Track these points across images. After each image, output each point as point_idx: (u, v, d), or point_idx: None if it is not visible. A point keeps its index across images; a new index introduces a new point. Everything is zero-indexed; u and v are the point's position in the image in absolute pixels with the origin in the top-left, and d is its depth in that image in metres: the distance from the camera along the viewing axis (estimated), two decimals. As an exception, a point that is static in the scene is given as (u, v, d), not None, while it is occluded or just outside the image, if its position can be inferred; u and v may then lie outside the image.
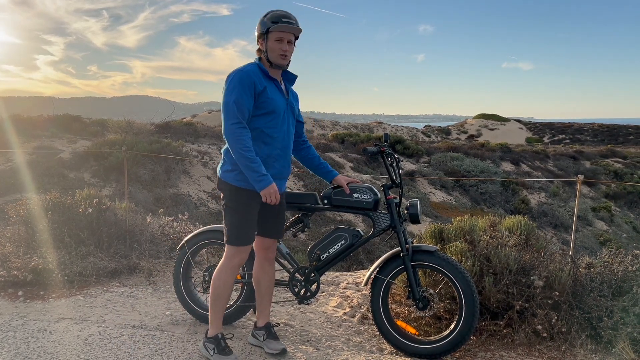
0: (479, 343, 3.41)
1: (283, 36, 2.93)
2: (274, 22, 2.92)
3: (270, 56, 2.96)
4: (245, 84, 2.87)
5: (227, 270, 3.10)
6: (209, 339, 3.15)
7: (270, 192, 2.90)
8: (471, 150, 22.89)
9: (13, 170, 10.29)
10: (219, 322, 3.17)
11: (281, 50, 2.94)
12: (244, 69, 2.93)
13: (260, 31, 2.96)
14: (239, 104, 2.86)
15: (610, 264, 3.63)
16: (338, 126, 65.19)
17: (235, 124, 2.86)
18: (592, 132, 79.60)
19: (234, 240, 3.04)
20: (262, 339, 3.30)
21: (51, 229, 4.84)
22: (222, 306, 3.15)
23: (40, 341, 3.35)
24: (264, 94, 2.93)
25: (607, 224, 17.71)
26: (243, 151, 2.84)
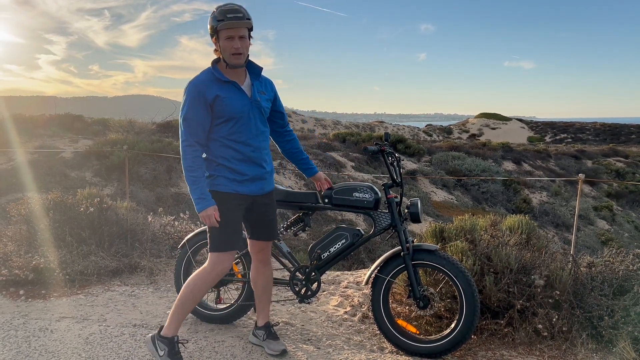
0: (480, 342, 3.41)
1: (233, 33, 2.75)
2: (221, 19, 2.73)
3: (224, 56, 2.80)
4: (194, 98, 2.77)
5: (208, 277, 2.97)
6: (162, 338, 3.00)
7: (206, 214, 2.79)
8: (473, 150, 22.87)
9: (15, 170, 10.31)
10: (178, 324, 3.04)
11: (233, 49, 2.76)
12: (194, 80, 2.81)
13: (211, 30, 2.80)
14: (187, 121, 2.78)
15: (612, 263, 3.63)
16: (339, 125, 65.20)
17: (184, 141, 2.80)
18: (593, 132, 79.49)
19: (217, 246, 2.93)
20: (262, 339, 3.28)
21: (52, 228, 4.85)
22: (189, 309, 3.04)
23: (42, 340, 3.36)
24: (217, 103, 2.79)
25: (608, 223, 17.69)
26: (187, 171, 2.79)
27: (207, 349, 3.26)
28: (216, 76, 2.82)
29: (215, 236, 2.92)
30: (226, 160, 2.88)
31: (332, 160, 16.30)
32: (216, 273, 2.96)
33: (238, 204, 2.93)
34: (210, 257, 2.97)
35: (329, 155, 16.88)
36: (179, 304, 3.00)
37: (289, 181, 13.37)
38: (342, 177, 14.24)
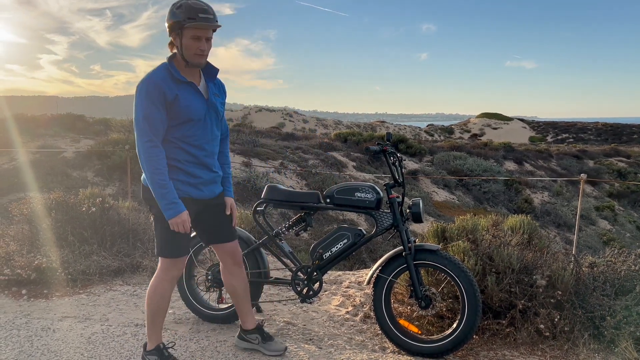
0: (482, 342, 3.41)
1: (200, 34, 2.61)
2: (190, 17, 2.56)
3: (185, 54, 2.64)
4: (153, 96, 2.59)
5: (165, 284, 2.87)
6: (149, 352, 2.94)
7: (178, 221, 2.65)
8: (474, 150, 22.86)
9: (17, 169, 10.33)
10: (158, 335, 2.96)
11: (199, 50, 2.64)
12: (151, 78, 2.61)
13: (172, 24, 2.61)
14: (149, 120, 2.60)
15: (613, 263, 3.63)
16: (341, 125, 65.22)
17: (148, 142, 2.60)
18: (595, 131, 79.40)
19: (166, 252, 2.81)
20: (257, 343, 3.20)
21: (55, 227, 4.86)
22: (161, 320, 2.95)
23: (44, 339, 3.37)
24: (176, 104, 2.65)
25: (610, 223, 17.67)
26: (155, 174, 2.61)
27: (209, 348, 3.26)
28: (174, 75, 2.66)
29: (167, 241, 2.79)
30: (180, 162, 2.75)
31: (333, 160, 16.31)
32: (171, 277, 2.88)
33: (190, 209, 2.77)
34: (162, 263, 2.86)
35: (331, 155, 16.89)
36: (149, 316, 2.92)
37: (290, 181, 13.38)
38: (343, 177, 14.24)
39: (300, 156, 15.76)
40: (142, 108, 2.61)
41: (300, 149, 16.91)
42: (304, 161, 15.39)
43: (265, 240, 3.59)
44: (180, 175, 2.76)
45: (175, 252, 2.82)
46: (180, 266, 2.89)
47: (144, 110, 2.60)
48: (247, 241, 3.58)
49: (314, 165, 15.20)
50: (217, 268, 3.61)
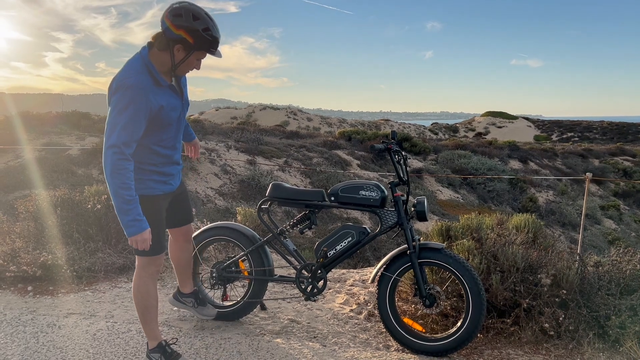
0: (486, 341, 3.40)
1: (205, 56, 2.69)
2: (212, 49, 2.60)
3: (181, 67, 2.64)
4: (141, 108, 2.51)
5: (147, 280, 2.90)
6: (152, 350, 2.97)
7: (139, 239, 2.59)
8: (479, 148, 22.82)
9: (22, 167, 10.38)
10: (156, 332, 2.99)
11: (194, 68, 2.70)
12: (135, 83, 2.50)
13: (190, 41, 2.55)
14: (128, 131, 2.49)
15: (619, 263, 3.61)
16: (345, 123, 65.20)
17: (117, 153, 2.48)
18: (601, 130, 79.06)
19: (150, 250, 2.79)
20: (192, 305, 3.42)
21: (60, 224, 4.88)
22: (154, 316, 2.97)
23: (50, 336, 3.38)
24: (160, 114, 2.63)
25: (615, 222, 17.60)
26: (121, 189, 2.49)
27: (213, 345, 3.27)
28: (157, 78, 2.61)
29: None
30: (154, 165, 2.78)
31: (337, 158, 16.30)
32: (151, 273, 2.91)
33: (165, 206, 2.91)
34: (141, 261, 2.87)
35: (335, 153, 16.89)
36: (140, 316, 2.96)
37: (294, 179, 13.38)
38: (347, 176, 14.24)
39: (304, 154, 15.76)
40: (123, 115, 2.48)
41: (304, 147, 16.91)
42: (308, 159, 15.39)
43: (269, 238, 3.59)
44: (154, 175, 2.80)
45: (156, 250, 2.84)
46: (159, 262, 2.94)
47: (125, 119, 2.48)
48: (251, 239, 3.59)
49: (318, 164, 15.20)
50: (221, 265, 3.62)
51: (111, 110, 2.51)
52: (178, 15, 2.53)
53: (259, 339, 3.37)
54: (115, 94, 2.51)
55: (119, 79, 2.53)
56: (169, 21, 2.54)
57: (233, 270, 3.62)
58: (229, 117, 62.63)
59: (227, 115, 65.36)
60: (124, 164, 2.50)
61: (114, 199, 2.53)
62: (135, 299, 2.95)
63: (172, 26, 2.53)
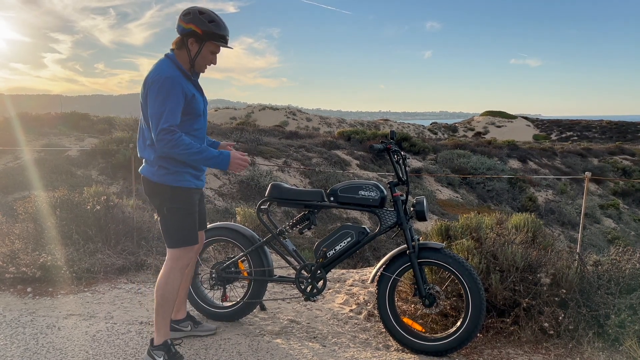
0: (486, 340, 3.40)
1: (218, 51, 2.89)
2: (222, 37, 2.82)
3: (198, 62, 2.87)
4: (176, 92, 2.74)
5: (177, 273, 2.96)
6: (156, 347, 2.96)
7: (236, 160, 2.85)
8: (478, 148, 22.81)
9: (21, 168, 10.37)
10: (167, 329, 3.01)
11: (210, 62, 2.91)
12: (170, 75, 2.75)
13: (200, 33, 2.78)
14: (173, 115, 2.73)
15: (618, 262, 3.61)
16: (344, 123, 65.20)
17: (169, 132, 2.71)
18: (600, 129, 79.12)
19: (182, 242, 2.92)
20: (190, 329, 3.37)
21: (59, 225, 4.88)
22: (170, 311, 3.00)
23: (49, 337, 3.38)
24: (192, 100, 2.84)
25: (615, 221, 17.60)
26: (188, 148, 2.73)
27: (213, 346, 3.27)
28: (186, 73, 2.86)
29: (179, 231, 2.92)
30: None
31: (337, 158, 16.30)
32: (182, 266, 2.98)
33: (197, 198, 3.02)
34: (173, 253, 2.96)
35: (334, 153, 16.89)
36: (158, 309, 2.97)
37: (294, 179, 13.38)
38: (347, 176, 14.23)
39: (303, 154, 15.76)
40: (166, 104, 2.70)
41: (303, 147, 16.91)
42: (307, 159, 15.39)
43: (269, 238, 3.59)
44: (189, 169, 2.92)
45: (188, 240, 2.94)
46: (191, 255, 3.03)
47: (168, 107, 2.71)
48: (250, 239, 3.59)
49: (318, 164, 15.20)
50: (221, 266, 3.62)
51: (152, 102, 2.72)
52: (187, 14, 2.82)
53: (258, 340, 3.37)
54: (152, 86, 2.73)
55: (153, 74, 2.76)
56: (180, 21, 2.83)
57: (232, 270, 3.62)
58: (228, 117, 62.63)
59: (226, 115, 65.37)
60: (178, 137, 2.71)
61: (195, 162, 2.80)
62: (158, 291, 2.97)
63: (183, 22, 2.81)
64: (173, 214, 2.90)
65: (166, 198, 2.89)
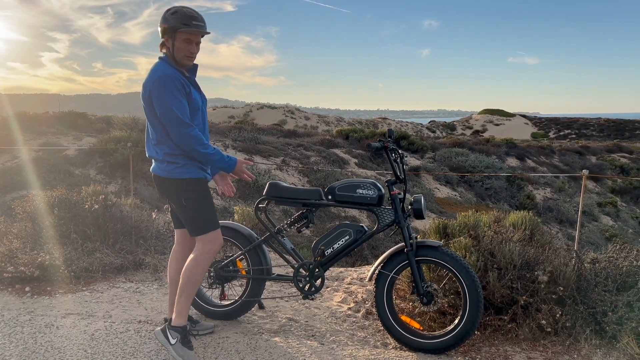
0: (483, 338, 3.41)
1: (192, 38, 2.92)
2: (184, 23, 2.87)
3: (176, 55, 2.93)
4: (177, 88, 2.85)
5: (207, 257, 3.07)
6: (174, 327, 3.06)
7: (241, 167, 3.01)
8: (476, 146, 22.83)
9: (19, 167, 10.36)
10: (187, 313, 3.12)
11: (189, 52, 2.94)
12: (168, 73, 2.86)
13: (166, 28, 2.89)
14: (179, 108, 2.84)
15: (615, 259, 3.63)
16: (342, 122, 65.18)
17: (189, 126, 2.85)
18: (598, 127, 79.22)
19: (207, 227, 3.05)
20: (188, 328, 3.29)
21: (57, 225, 4.88)
22: (193, 294, 3.11)
23: (48, 336, 3.38)
24: (191, 94, 2.95)
25: (613, 219, 17.64)
26: (199, 144, 2.86)
27: (211, 344, 3.28)
28: (179, 69, 2.95)
29: (203, 216, 3.03)
30: None
31: (335, 156, 16.30)
32: (211, 251, 3.07)
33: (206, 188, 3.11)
34: (202, 239, 3.05)
35: (332, 152, 16.89)
36: (183, 289, 3.07)
37: (292, 178, 13.38)
38: (345, 174, 14.24)
39: (302, 153, 15.76)
40: (169, 100, 2.82)
41: (302, 146, 16.91)
42: (305, 158, 15.39)
43: (267, 237, 3.60)
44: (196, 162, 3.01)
45: (212, 224, 3.06)
46: (219, 239, 3.11)
47: (171, 101, 2.82)
48: (249, 238, 3.59)
49: (316, 162, 15.20)
50: (219, 265, 3.62)
51: (158, 102, 2.83)
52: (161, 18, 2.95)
53: (257, 338, 3.38)
54: (154, 88, 2.84)
55: (152, 77, 2.87)
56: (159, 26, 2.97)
57: (231, 269, 3.63)
58: (226, 116, 62.57)
59: (224, 114, 65.30)
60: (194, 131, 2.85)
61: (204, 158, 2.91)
62: (185, 272, 3.07)
63: (159, 26, 2.94)
64: (192, 203, 3.01)
65: (181, 190, 3.00)
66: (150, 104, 2.89)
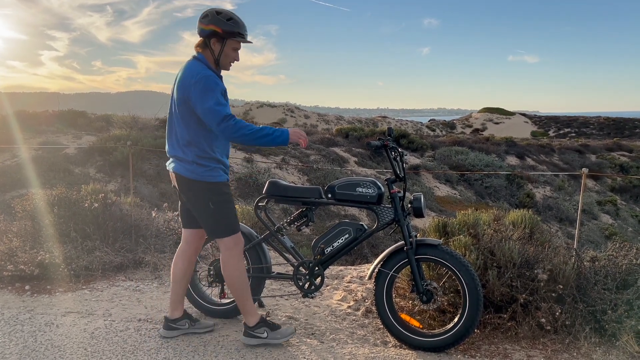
0: (483, 336, 3.41)
1: (239, 47, 3.06)
2: (240, 33, 2.97)
3: (222, 60, 3.04)
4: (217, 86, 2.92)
5: (238, 260, 3.17)
6: (255, 327, 3.21)
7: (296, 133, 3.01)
8: (476, 144, 22.82)
9: (19, 166, 10.35)
10: (254, 309, 3.26)
11: (234, 59, 3.07)
12: (209, 74, 2.94)
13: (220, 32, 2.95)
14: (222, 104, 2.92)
15: (615, 258, 3.63)
16: (342, 120, 65.16)
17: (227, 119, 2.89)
18: (597, 126, 79.22)
19: (231, 229, 3.13)
20: (187, 327, 3.39)
21: (57, 223, 4.88)
22: (248, 293, 3.23)
23: (48, 334, 3.39)
24: (226, 95, 3.03)
25: (612, 217, 17.65)
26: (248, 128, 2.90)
27: (211, 342, 3.28)
28: (216, 72, 3.04)
29: (228, 220, 3.12)
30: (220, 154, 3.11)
31: (335, 155, 16.30)
32: (240, 251, 3.19)
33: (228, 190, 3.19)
34: (228, 243, 3.14)
35: (332, 150, 16.88)
36: (238, 295, 3.21)
37: (292, 177, 13.38)
38: (345, 173, 14.24)
39: (301, 152, 15.75)
40: (210, 97, 2.87)
41: (301, 144, 16.88)
42: (305, 157, 15.39)
43: (266, 235, 3.60)
44: (220, 165, 3.11)
45: (236, 227, 3.17)
46: (242, 240, 3.23)
47: (213, 99, 2.88)
48: (249, 236, 3.59)
49: (316, 161, 15.20)
50: (219, 264, 3.62)
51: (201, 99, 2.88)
52: (205, 16, 2.98)
53: (257, 336, 3.37)
54: (195, 86, 2.89)
55: (191, 75, 2.91)
56: (200, 24, 2.99)
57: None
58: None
59: (224, 112, 65.16)
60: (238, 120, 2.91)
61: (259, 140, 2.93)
62: (232, 280, 3.17)
63: (202, 25, 2.98)
64: (219, 206, 3.08)
65: (210, 193, 3.06)
66: (187, 103, 2.93)
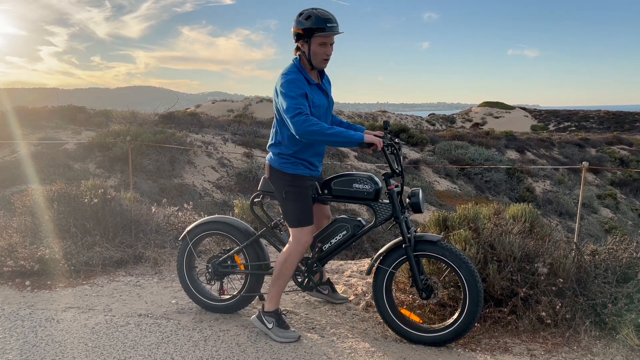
0: (483, 330, 3.42)
1: (327, 41, 3.02)
2: (320, 27, 2.95)
3: (313, 60, 3.06)
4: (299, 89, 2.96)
5: (297, 254, 3.22)
6: (267, 313, 3.28)
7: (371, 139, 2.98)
8: (476, 139, 22.82)
9: (18, 162, 10.35)
10: (278, 299, 3.32)
11: (325, 55, 3.05)
12: (291, 76, 3.00)
13: (300, 33, 3.00)
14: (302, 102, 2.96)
15: (615, 251, 3.62)
16: (342, 115, 65.10)
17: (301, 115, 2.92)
18: (597, 120, 79.15)
19: (299, 222, 3.20)
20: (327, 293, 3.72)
21: (57, 219, 4.87)
22: (284, 286, 3.30)
23: (48, 330, 3.39)
24: (312, 103, 3.05)
25: (612, 211, 17.66)
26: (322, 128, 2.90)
27: (212, 337, 3.28)
28: (306, 77, 3.07)
29: (297, 212, 3.20)
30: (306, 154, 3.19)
31: (334, 149, 16.28)
32: (302, 246, 3.22)
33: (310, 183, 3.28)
34: (295, 233, 3.22)
35: (332, 145, 16.85)
36: (275, 280, 3.27)
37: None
38: (345, 167, 14.23)
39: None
40: (291, 98, 2.94)
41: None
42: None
43: (263, 231, 3.58)
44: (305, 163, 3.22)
45: (304, 221, 3.21)
46: (310, 235, 3.26)
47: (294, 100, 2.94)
48: (245, 233, 3.57)
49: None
50: (217, 260, 3.61)
51: (282, 99, 2.98)
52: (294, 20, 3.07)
53: (257, 331, 3.38)
54: (279, 87, 3.01)
55: (279, 77, 3.05)
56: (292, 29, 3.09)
57: (229, 264, 3.62)
58: (225, 109, 62.40)
59: (223, 108, 65.13)
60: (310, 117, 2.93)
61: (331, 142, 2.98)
62: (277, 265, 3.26)
63: (293, 29, 3.08)
64: (289, 197, 3.19)
65: (284, 183, 3.19)
66: (275, 101, 3.07)
